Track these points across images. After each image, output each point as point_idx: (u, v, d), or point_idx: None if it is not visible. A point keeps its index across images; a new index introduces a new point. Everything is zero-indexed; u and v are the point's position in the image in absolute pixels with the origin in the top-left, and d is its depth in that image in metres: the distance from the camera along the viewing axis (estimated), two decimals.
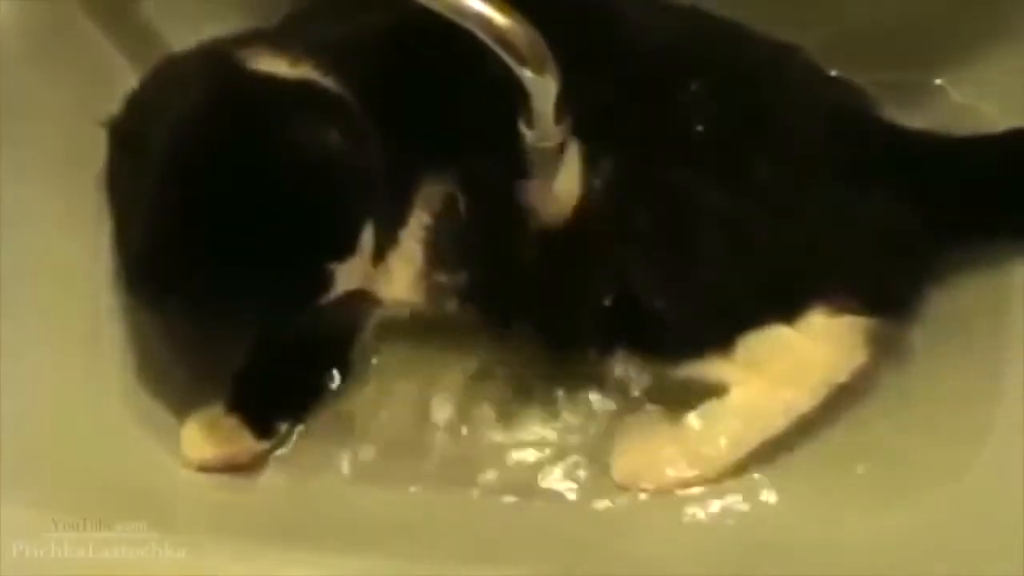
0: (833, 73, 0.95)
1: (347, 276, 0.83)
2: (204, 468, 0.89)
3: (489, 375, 0.93)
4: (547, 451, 0.91)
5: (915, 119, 0.94)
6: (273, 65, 0.85)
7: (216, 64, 0.85)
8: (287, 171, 0.78)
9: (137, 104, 0.87)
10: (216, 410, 0.90)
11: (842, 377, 0.87)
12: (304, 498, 0.90)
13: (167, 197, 0.79)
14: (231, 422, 0.89)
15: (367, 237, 0.83)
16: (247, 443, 0.90)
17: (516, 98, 0.80)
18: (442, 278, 0.90)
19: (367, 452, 0.92)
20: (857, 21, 0.97)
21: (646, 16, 0.92)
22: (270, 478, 0.90)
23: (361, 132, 0.82)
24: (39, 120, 0.89)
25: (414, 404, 0.93)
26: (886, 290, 0.88)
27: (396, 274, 0.90)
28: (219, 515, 0.89)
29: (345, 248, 0.81)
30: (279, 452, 0.91)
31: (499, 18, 0.76)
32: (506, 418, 0.92)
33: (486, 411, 0.93)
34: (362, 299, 0.90)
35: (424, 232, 0.89)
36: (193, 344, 0.89)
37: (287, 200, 0.78)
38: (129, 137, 0.85)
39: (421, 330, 0.93)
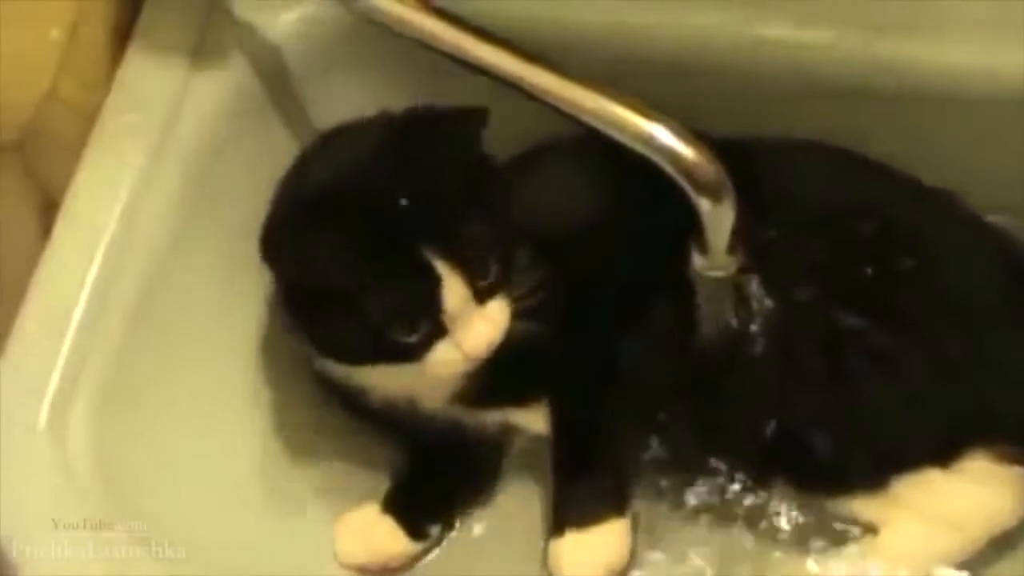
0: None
1: (454, 295, 0.81)
2: (357, 570, 0.90)
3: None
4: None
5: None
6: None
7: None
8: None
9: (305, 155, 0.90)
10: (371, 510, 0.92)
11: (1003, 527, 0.87)
12: None
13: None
14: (386, 522, 0.91)
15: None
16: (400, 544, 0.91)
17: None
18: None
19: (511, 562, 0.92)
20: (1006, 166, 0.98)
21: (815, 165, 0.95)
22: None
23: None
24: (217, 213, 0.92)
25: None
26: None
27: None
28: None
29: (441, 233, 0.81)
30: (429, 557, 0.92)
31: (684, 149, 0.78)
32: (653, 545, 0.92)
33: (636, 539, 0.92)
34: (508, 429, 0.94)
35: None
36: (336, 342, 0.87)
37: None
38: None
39: None
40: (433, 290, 0.80)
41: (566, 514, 0.89)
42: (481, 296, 0.82)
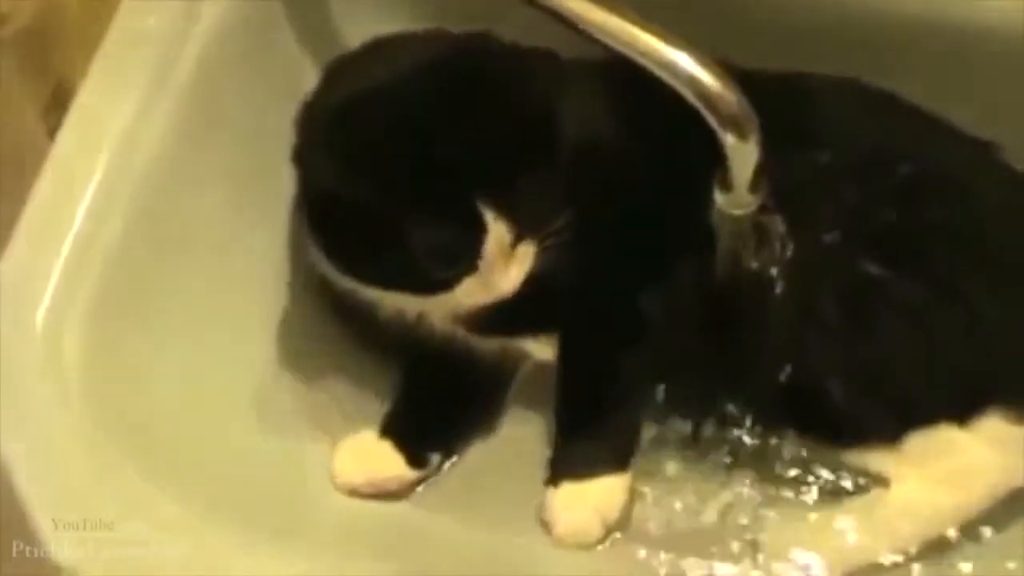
0: None
1: (496, 242, 0.80)
2: (353, 493, 0.89)
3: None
4: (700, 531, 0.89)
5: None
6: None
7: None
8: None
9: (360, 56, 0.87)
10: (370, 434, 0.90)
11: (1011, 488, 0.85)
12: (439, 533, 0.90)
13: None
14: (384, 447, 0.89)
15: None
16: (398, 470, 0.89)
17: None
18: None
19: (512, 496, 0.90)
20: None
21: (851, 104, 0.92)
22: (411, 507, 0.90)
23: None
24: (226, 124, 0.91)
25: None
26: None
27: None
28: (345, 531, 0.88)
29: (497, 186, 0.79)
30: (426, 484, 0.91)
31: (709, 79, 0.76)
32: (659, 491, 0.90)
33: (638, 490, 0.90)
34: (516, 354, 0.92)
35: None
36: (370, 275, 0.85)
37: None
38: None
39: None
40: (478, 238, 0.79)
41: (565, 465, 0.87)
42: (517, 241, 0.81)
